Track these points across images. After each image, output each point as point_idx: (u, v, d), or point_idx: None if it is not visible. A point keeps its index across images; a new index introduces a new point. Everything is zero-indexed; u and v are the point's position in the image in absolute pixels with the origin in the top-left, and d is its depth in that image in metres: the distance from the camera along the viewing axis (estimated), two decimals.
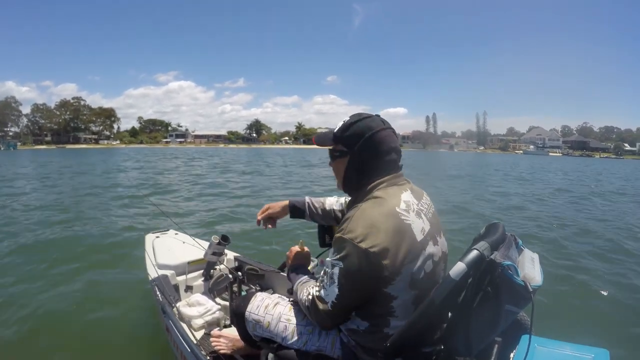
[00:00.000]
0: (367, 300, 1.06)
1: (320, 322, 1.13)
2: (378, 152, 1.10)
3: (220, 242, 2.05)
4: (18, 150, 52.35)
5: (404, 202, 1.06)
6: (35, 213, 6.85)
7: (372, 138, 1.10)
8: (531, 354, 0.94)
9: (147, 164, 22.07)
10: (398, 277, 1.00)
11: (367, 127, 1.11)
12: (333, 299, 1.05)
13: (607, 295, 3.44)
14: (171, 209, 7.47)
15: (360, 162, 1.11)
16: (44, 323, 2.69)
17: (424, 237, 1.04)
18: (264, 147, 74.17)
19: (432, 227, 1.10)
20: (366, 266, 0.98)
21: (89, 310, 2.88)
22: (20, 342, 2.44)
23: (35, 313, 2.82)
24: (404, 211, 1.04)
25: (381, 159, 1.11)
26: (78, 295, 3.16)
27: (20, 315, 2.78)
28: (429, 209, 1.13)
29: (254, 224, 1.65)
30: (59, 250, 4.50)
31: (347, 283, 1.02)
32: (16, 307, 2.91)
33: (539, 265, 1.04)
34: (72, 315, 2.82)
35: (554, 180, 16.53)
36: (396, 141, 1.15)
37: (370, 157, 1.11)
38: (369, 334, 1.09)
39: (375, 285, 1.01)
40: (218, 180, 13.17)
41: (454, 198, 9.27)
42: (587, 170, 26.58)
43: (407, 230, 1.01)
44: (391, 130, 1.14)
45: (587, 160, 56.27)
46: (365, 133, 1.10)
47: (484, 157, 50.34)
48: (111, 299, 3.08)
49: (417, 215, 1.06)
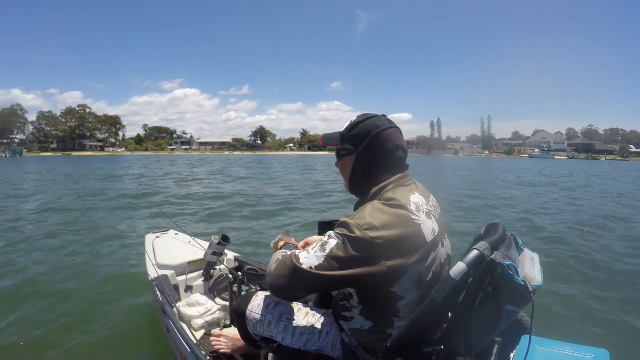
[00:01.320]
0: (336, 289, 1.03)
1: (277, 281, 1.04)
2: (384, 150, 1.10)
3: (220, 242, 2.06)
4: (24, 158, 52.67)
5: (413, 203, 1.04)
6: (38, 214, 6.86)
7: (378, 136, 1.10)
8: (531, 354, 0.94)
9: (159, 170, 22.03)
10: (405, 276, 0.98)
11: (373, 125, 1.11)
12: (312, 265, 0.98)
13: (607, 295, 3.44)
14: (171, 209, 7.47)
15: (367, 160, 1.11)
16: (44, 323, 2.68)
17: (434, 238, 1.03)
18: (269, 154, 75.05)
19: (441, 228, 1.09)
20: (364, 253, 0.95)
21: (89, 310, 2.88)
22: (21, 342, 2.44)
23: (35, 313, 2.83)
24: (415, 211, 1.02)
25: (387, 157, 1.10)
26: (78, 295, 3.16)
27: (20, 316, 2.78)
28: (436, 210, 1.13)
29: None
30: (59, 250, 4.51)
31: (336, 258, 0.96)
32: (16, 307, 2.92)
33: (539, 265, 1.04)
34: (72, 315, 2.82)
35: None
36: (402, 140, 1.15)
37: (377, 155, 1.10)
38: (372, 334, 1.08)
39: (355, 280, 0.98)
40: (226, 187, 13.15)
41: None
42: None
43: (417, 230, 1.00)
44: (397, 130, 1.14)
45: (598, 163, 55.56)
46: (372, 131, 1.10)
47: (490, 161, 50.14)
48: (111, 299, 3.08)
49: (427, 216, 1.05)
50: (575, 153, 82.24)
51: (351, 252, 0.96)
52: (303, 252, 1.03)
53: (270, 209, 7.65)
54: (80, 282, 3.45)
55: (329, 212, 7.44)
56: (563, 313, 3.05)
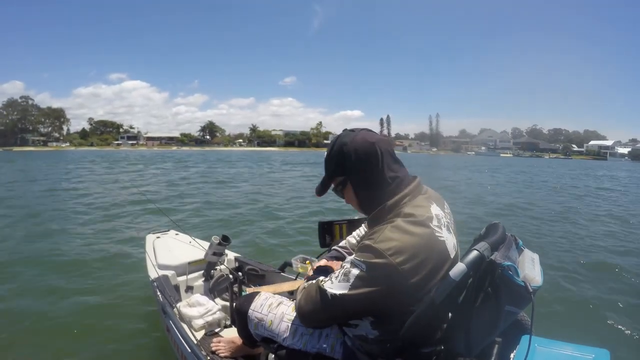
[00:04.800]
0: (361, 315, 1.02)
1: (304, 308, 1.06)
2: (365, 159, 1.04)
3: (220, 242, 2.05)
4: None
5: (435, 217, 1.01)
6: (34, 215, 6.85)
7: (352, 149, 1.04)
8: (531, 354, 0.94)
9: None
10: (427, 296, 0.95)
11: (342, 144, 1.06)
12: (336, 293, 0.98)
13: (607, 296, 3.44)
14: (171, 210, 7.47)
15: (360, 178, 1.07)
16: (45, 323, 2.69)
17: (455, 254, 1.02)
18: (218, 149, 69.25)
19: (456, 239, 1.07)
20: (390, 282, 0.92)
21: (90, 311, 2.89)
22: (21, 343, 2.44)
23: (35, 314, 2.83)
24: (437, 227, 0.99)
25: (375, 162, 1.04)
26: (78, 295, 3.17)
27: (20, 316, 2.78)
28: (451, 219, 1.10)
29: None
30: (59, 250, 4.51)
31: (361, 288, 0.95)
32: (16, 307, 2.92)
33: (539, 265, 1.04)
34: (72, 315, 2.82)
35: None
36: (375, 136, 1.08)
37: (364, 167, 1.05)
38: (377, 342, 1.06)
39: (380, 305, 0.97)
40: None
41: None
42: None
43: (442, 249, 0.98)
44: (364, 130, 1.09)
45: (540, 160, 57.22)
46: (344, 149, 1.05)
47: (437, 158, 50.00)
48: (111, 299, 3.08)
49: (447, 231, 1.02)
50: (521, 151, 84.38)
51: (376, 279, 0.94)
52: (328, 282, 1.03)
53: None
54: (81, 282, 3.46)
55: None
56: (563, 313, 3.05)
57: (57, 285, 3.38)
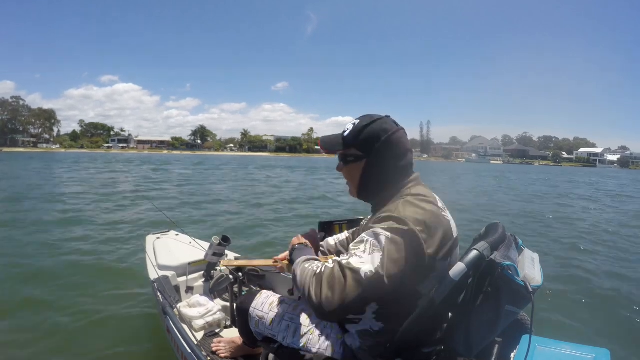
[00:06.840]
0: (391, 294, 0.91)
1: (332, 298, 0.88)
2: (396, 155, 1.06)
3: (220, 242, 2.05)
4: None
5: (438, 200, 1.05)
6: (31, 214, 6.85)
7: (389, 140, 1.05)
8: (531, 354, 0.94)
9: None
10: (434, 273, 0.96)
11: (381, 129, 1.05)
12: (371, 268, 0.87)
13: (607, 295, 3.44)
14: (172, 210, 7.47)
15: (379, 166, 1.07)
16: (45, 324, 2.69)
17: (457, 236, 1.04)
18: (209, 154, 70.03)
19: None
20: (415, 247, 0.90)
21: (90, 311, 2.88)
22: (21, 343, 2.44)
23: (36, 314, 2.82)
24: (442, 207, 1.03)
25: (400, 161, 1.07)
26: (78, 295, 3.16)
27: (20, 317, 2.78)
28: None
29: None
30: (59, 250, 4.51)
31: (394, 255, 0.88)
32: (16, 308, 2.92)
33: (539, 265, 1.04)
34: (72, 315, 2.81)
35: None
36: (409, 142, 1.13)
37: (389, 161, 1.06)
38: (380, 335, 1.05)
39: (408, 276, 0.92)
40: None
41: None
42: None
43: (448, 227, 1.00)
44: (404, 131, 1.11)
45: (529, 167, 58.16)
46: (381, 136, 1.05)
47: (429, 164, 50.21)
48: (112, 299, 3.08)
49: (449, 213, 1.05)
50: (511, 158, 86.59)
51: (407, 247, 0.90)
52: (351, 258, 0.91)
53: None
54: (80, 282, 3.45)
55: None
56: (563, 313, 3.05)
57: (57, 286, 3.37)
